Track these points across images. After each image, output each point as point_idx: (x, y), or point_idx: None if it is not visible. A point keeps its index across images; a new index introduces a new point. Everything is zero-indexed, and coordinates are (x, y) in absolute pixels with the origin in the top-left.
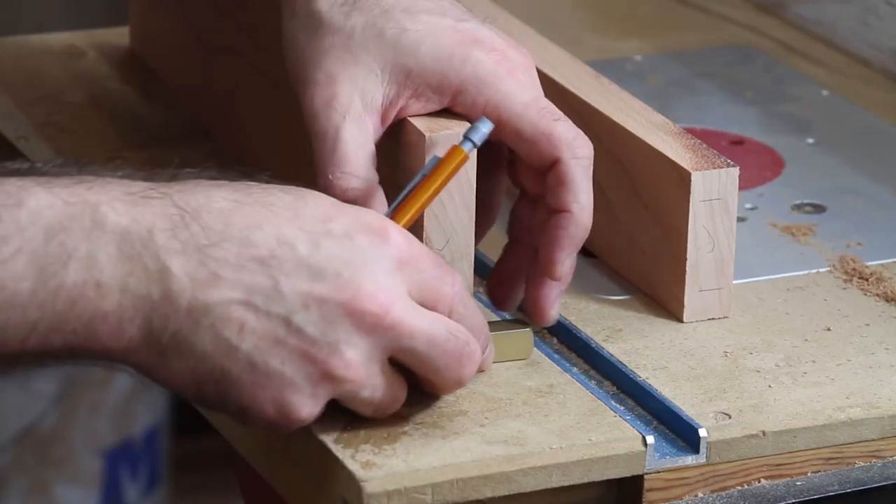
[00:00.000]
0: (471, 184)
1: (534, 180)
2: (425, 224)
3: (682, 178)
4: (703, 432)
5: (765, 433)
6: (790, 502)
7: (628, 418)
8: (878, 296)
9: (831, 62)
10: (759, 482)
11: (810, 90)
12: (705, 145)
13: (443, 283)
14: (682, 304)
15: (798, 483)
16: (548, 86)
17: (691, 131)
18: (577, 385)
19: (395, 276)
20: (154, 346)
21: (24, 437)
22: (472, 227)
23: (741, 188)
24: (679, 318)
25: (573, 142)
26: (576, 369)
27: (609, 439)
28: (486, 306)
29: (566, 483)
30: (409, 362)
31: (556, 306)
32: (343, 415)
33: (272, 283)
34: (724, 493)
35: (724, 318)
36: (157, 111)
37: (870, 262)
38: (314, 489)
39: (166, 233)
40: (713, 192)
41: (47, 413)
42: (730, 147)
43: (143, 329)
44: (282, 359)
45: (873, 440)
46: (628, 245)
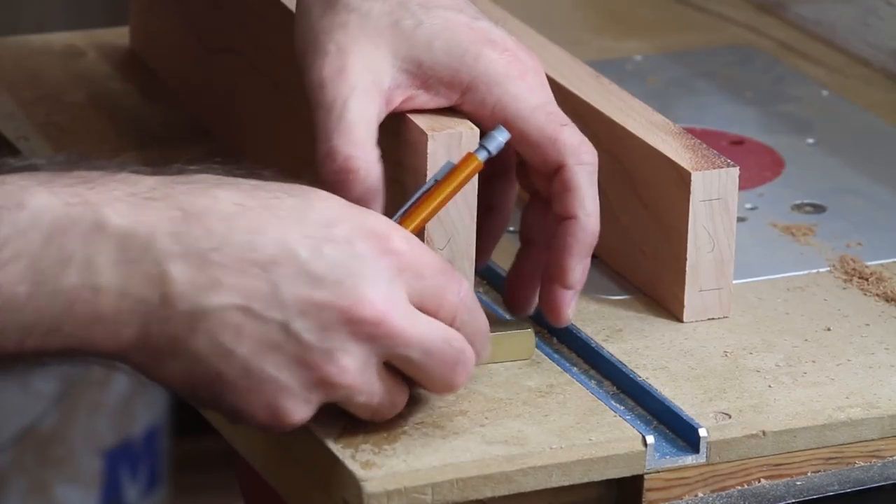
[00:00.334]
0: (473, 184)
1: (543, 182)
2: (426, 223)
3: (682, 178)
4: (703, 432)
5: (765, 433)
6: (790, 502)
7: (628, 418)
8: (878, 296)
9: (831, 62)
10: (759, 482)
11: (810, 90)
12: (705, 145)
13: (446, 290)
14: (682, 304)
15: (798, 483)
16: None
17: (691, 131)
18: (577, 385)
19: (395, 282)
20: (150, 348)
21: (24, 437)
22: (474, 227)
23: (741, 188)
24: (679, 318)
25: (578, 148)
26: (576, 369)
27: (609, 439)
28: (486, 306)
29: (566, 483)
30: (403, 367)
31: (571, 307)
32: (343, 415)
33: (272, 288)
34: (724, 493)
35: (724, 318)
36: (157, 111)
37: (870, 262)
38: (314, 489)
39: (168, 236)
40: (713, 192)
41: (47, 413)
42: (730, 147)
43: (139, 332)
44: (277, 364)
45: (873, 440)
46: (628, 245)
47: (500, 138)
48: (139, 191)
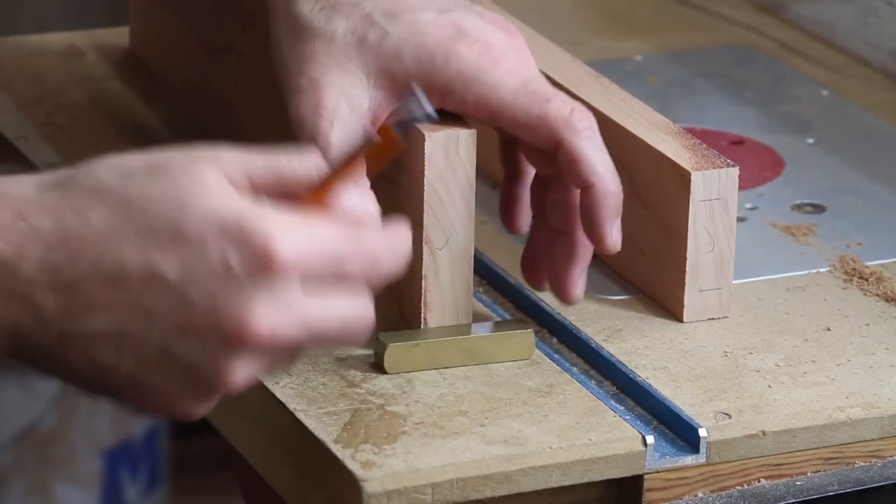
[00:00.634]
0: (471, 184)
1: (538, 161)
2: (425, 223)
3: (682, 178)
4: (703, 432)
5: (765, 433)
6: (790, 502)
7: (628, 418)
8: (878, 296)
9: (831, 62)
10: (759, 482)
11: (810, 90)
12: (705, 145)
13: (348, 265)
14: (682, 304)
15: (798, 483)
16: None
17: (691, 131)
18: (577, 385)
19: (279, 294)
20: (28, 359)
21: (24, 437)
22: (472, 227)
23: (741, 188)
24: (679, 318)
25: (570, 118)
26: (576, 369)
27: (609, 439)
28: (487, 306)
29: (566, 483)
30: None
31: (579, 285)
32: (343, 414)
33: (145, 313)
34: (724, 493)
35: (724, 318)
36: (157, 111)
37: (870, 262)
38: (314, 489)
39: (34, 263)
40: (713, 192)
41: (47, 413)
42: (730, 147)
43: (13, 351)
44: (164, 377)
45: (873, 440)
46: (628, 245)
47: (416, 101)
48: (16, 204)
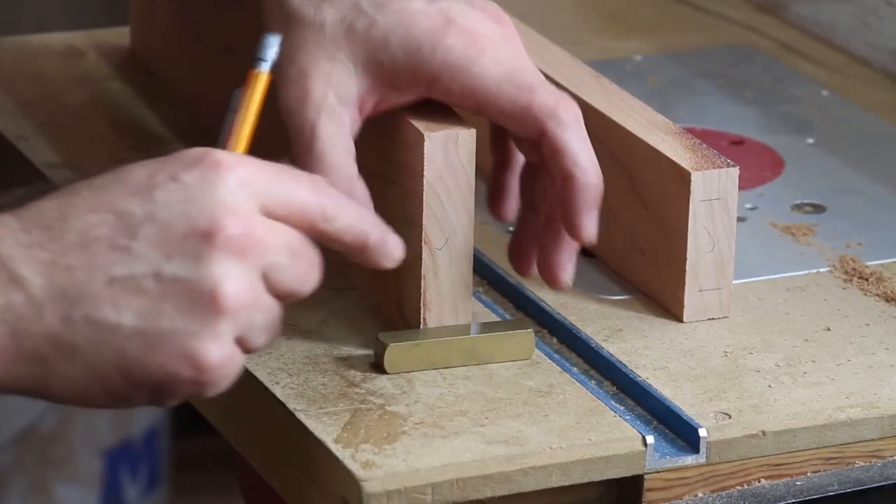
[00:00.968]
0: (470, 184)
1: (527, 149)
2: (424, 223)
3: (682, 178)
4: (703, 432)
5: (765, 433)
6: (790, 502)
7: (628, 418)
8: (878, 296)
9: (831, 62)
10: (759, 482)
11: (810, 90)
12: (705, 145)
13: (298, 188)
14: (682, 304)
15: (798, 483)
16: None
17: (691, 131)
18: (577, 385)
19: (239, 194)
20: (32, 356)
21: (24, 437)
22: (472, 227)
23: (741, 188)
24: (679, 318)
25: (555, 108)
26: (576, 369)
27: (609, 439)
28: (487, 306)
29: (566, 483)
30: (275, 280)
31: (568, 271)
32: (343, 414)
33: (125, 251)
34: (724, 493)
35: (724, 318)
36: (157, 111)
37: (870, 262)
38: (314, 489)
39: (7, 241)
40: (713, 192)
41: (47, 413)
42: (730, 147)
43: (14, 341)
44: (168, 314)
45: (873, 440)
46: (628, 245)
47: (271, 40)
48: None
